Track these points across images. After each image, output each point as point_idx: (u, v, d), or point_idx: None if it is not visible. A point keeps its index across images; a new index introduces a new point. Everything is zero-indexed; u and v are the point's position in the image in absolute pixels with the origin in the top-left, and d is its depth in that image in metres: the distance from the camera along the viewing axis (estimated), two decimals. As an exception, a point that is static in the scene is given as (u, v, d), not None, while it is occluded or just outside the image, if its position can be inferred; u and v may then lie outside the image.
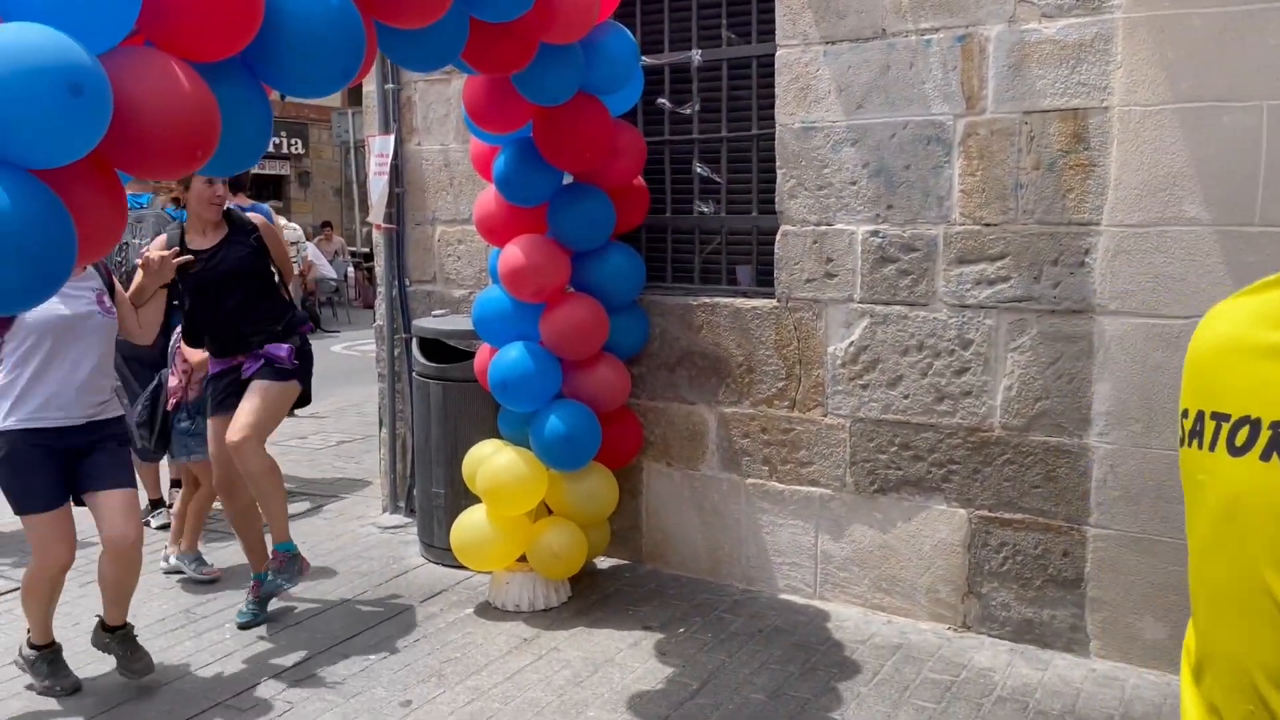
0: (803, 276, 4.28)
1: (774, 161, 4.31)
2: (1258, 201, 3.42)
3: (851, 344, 4.20)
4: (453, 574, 4.68)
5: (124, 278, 6.11)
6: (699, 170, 4.60)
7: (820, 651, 3.92)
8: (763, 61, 4.37)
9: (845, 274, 4.18)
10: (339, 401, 9.21)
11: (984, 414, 3.97)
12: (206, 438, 4.39)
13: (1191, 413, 0.95)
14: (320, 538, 5.31)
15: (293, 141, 21.18)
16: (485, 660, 3.86)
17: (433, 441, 4.77)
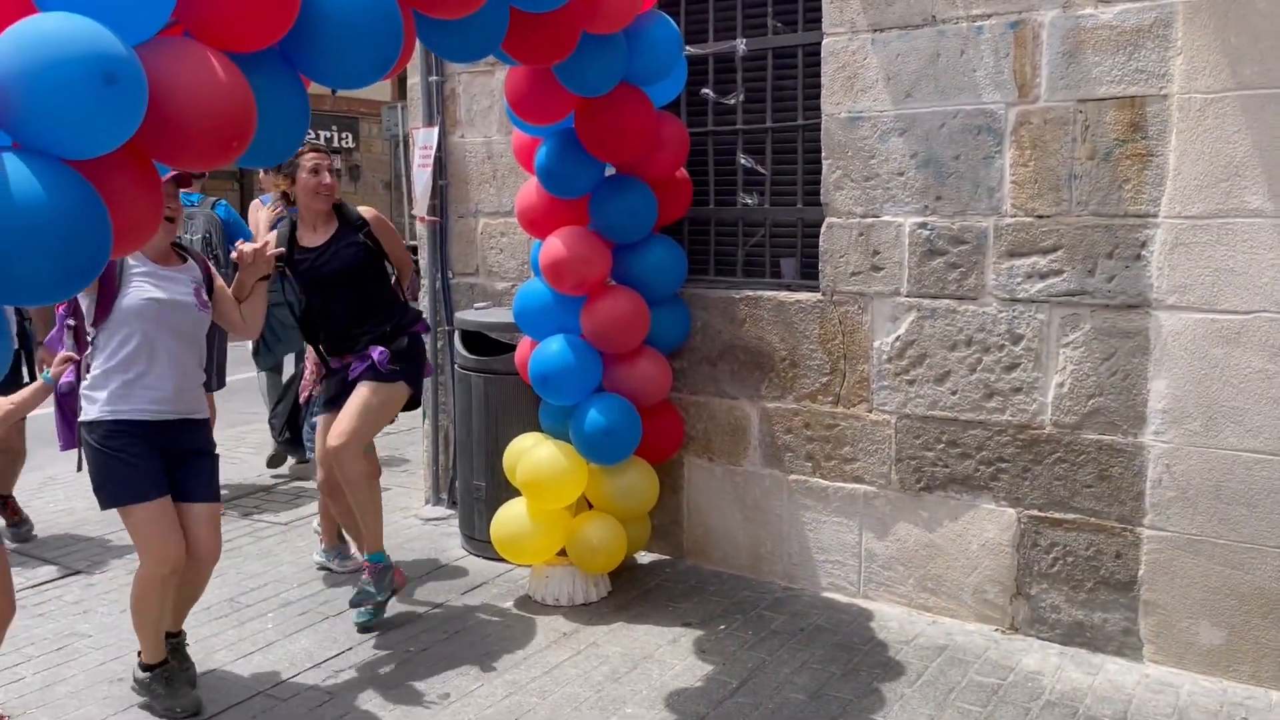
0: (848, 269, 4.19)
1: (819, 152, 4.23)
2: (1326, 192, 3.28)
3: (898, 338, 4.11)
4: (494, 566, 4.67)
5: None
6: (743, 162, 4.53)
7: (863, 652, 3.85)
8: (809, 50, 4.28)
9: (892, 267, 4.09)
10: (386, 393, 9.26)
11: (1034, 411, 3.86)
12: None
13: None
14: (363, 529, 5.33)
15: (343, 135, 21.41)
16: (524, 654, 3.84)
17: (474, 434, 4.77)
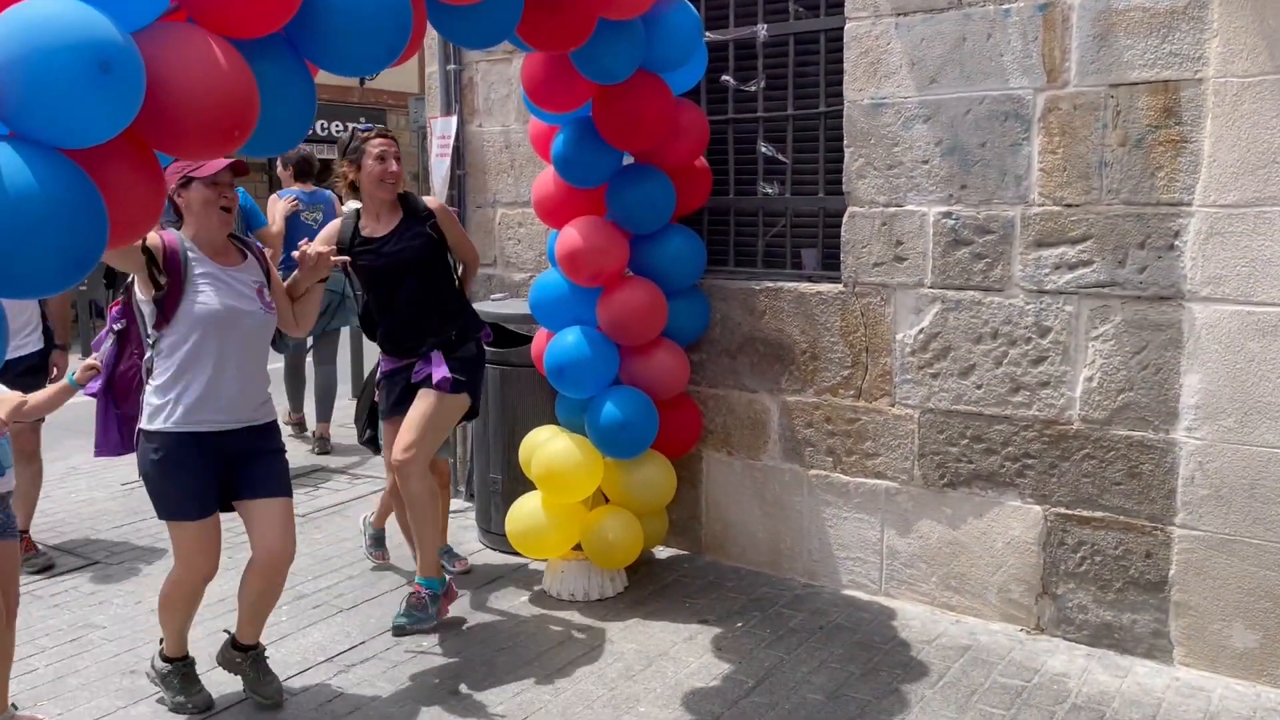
0: (870, 260, 4.10)
1: (842, 140, 4.13)
2: (1369, 179, 3.15)
3: (921, 331, 4.01)
4: (510, 560, 4.63)
5: None
6: (764, 150, 4.45)
7: (883, 651, 3.77)
8: (831, 35, 4.19)
9: (915, 257, 4.00)
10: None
11: (1062, 406, 3.76)
12: None
13: None
14: (381, 521, 5.31)
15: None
16: (537, 650, 3.79)
17: (490, 427, 4.72)
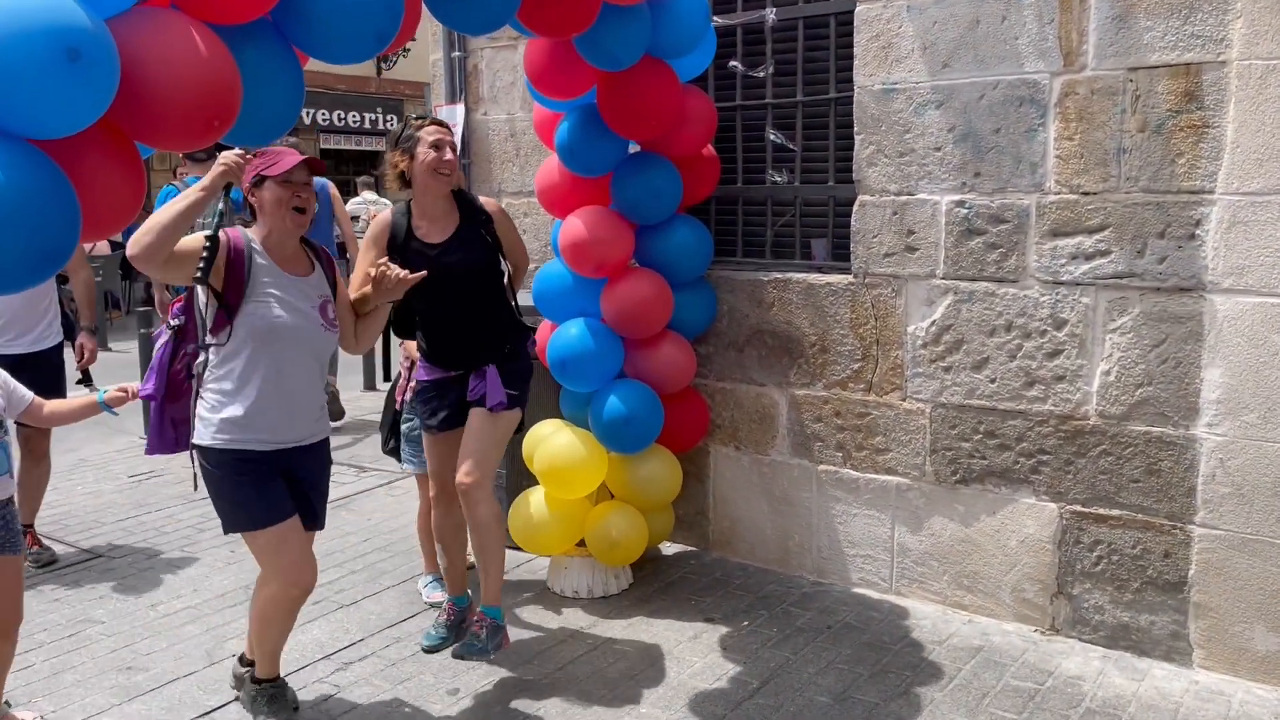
0: (881, 250, 3.99)
1: (852, 127, 4.03)
2: (1400, 166, 3.02)
3: (933, 323, 3.91)
4: (513, 557, 4.54)
5: None
6: (772, 137, 4.34)
7: (893, 652, 3.68)
8: (841, 19, 4.07)
9: (927, 247, 3.89)
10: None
11: (1078, 401, 3.65)
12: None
13: None
14: (384, 515, 5.26)
15: (388, 118, 21.37)
16: (538, 649, 3.73)
17: (495, 420, 4.64)
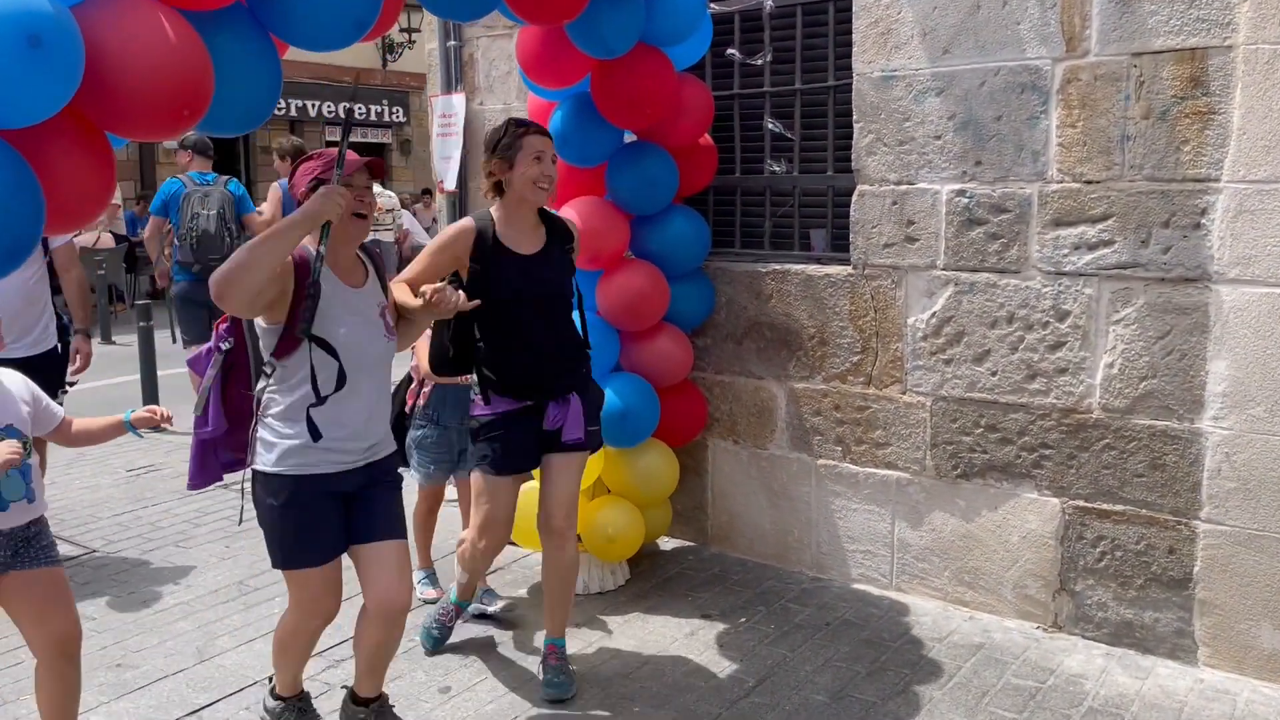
0: (881, 241, 3.92)
1: (851, 115, 3.95)
2: None
3: (934, 315, 3.84)
4: (508, 552, 4.49)
5: (193, 243, 6.33)
6: (770, 126, 4.27)
7: (892, 649, 3.62)
8: (840, 5, 4.00)
9: (927, 238, 3.82)
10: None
11: (1081, 394, 3.57)
12: (439, 451, 3.87)
13: None
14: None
15: (394, 110, 21.31)
16: (532, 646, 3.68)
17: (491, 414, 4.59)
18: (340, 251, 2.75)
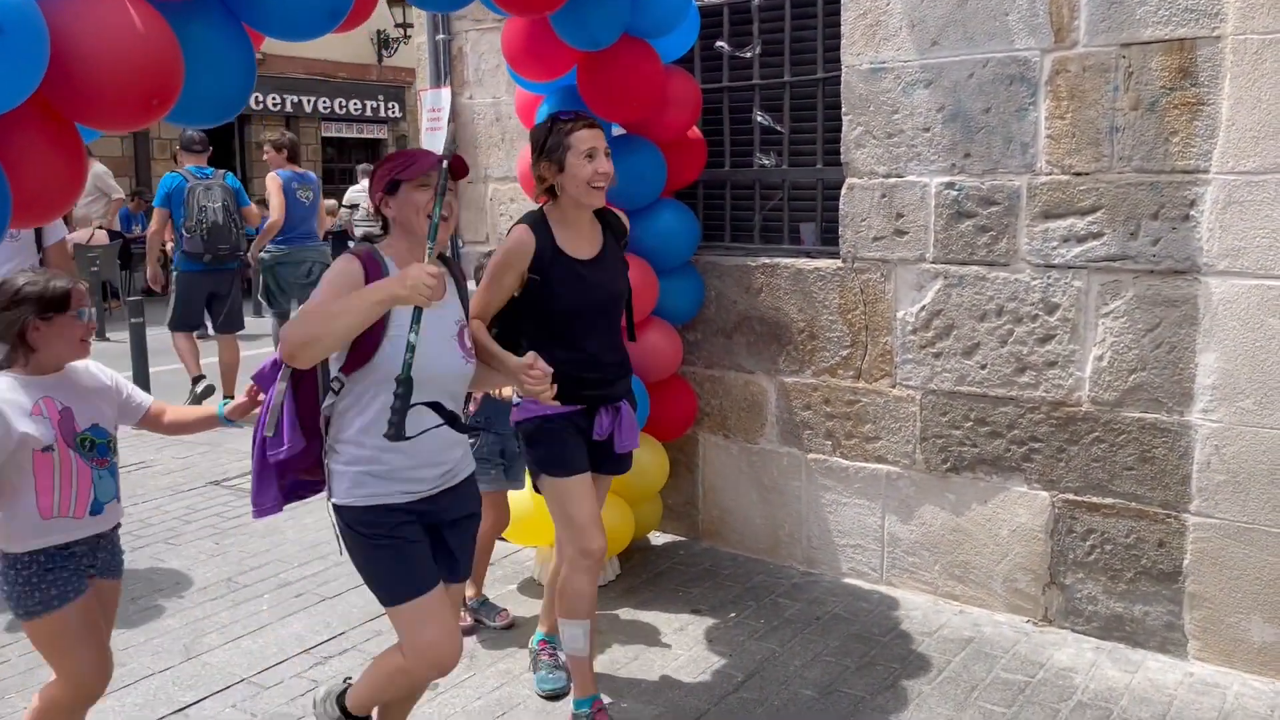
0: (870, 234, 3.90)
1: (840, 108, 3.93)
2: (1401, 141, 2.91)
3: (923, 308, 3.82)
4: (500, 548, 4.47)
5: (204, 234, 6.63)
6: (760, 119, 4.25)
7: (881, 643, 3.60)
8: (828, -3, 3.98)
9: (916, 231, 3.79)
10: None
11: (1071, 387, 3.55)
12: (496, 457, 3.76)
13: None
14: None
15: (389, 105, 21.28)
16: (521, 642, 3.66)
17: (481, 409, 4.57)
18: (420, 259, 2.42)
